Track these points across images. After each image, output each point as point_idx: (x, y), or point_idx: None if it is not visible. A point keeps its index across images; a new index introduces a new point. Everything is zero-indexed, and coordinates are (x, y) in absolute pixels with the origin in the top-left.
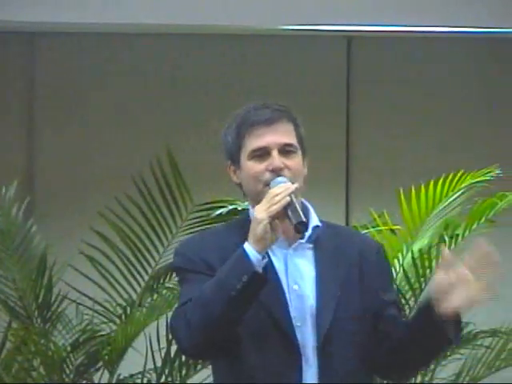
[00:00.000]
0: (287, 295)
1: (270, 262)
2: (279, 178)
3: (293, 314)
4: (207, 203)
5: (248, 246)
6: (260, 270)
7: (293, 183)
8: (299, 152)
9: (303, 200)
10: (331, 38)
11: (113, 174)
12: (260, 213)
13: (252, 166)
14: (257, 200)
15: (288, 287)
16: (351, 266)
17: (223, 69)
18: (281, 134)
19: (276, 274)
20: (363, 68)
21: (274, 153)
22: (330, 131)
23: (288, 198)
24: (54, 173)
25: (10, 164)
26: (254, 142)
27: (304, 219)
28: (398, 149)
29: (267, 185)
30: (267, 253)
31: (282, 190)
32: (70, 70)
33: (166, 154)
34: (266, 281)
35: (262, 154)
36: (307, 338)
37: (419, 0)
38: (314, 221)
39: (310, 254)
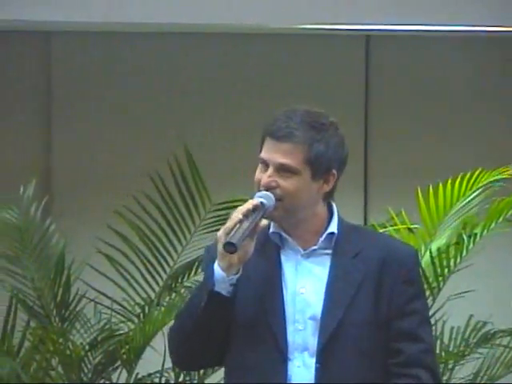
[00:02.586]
0: (287, 299)
1: (279, 265)
2: (260, 193)
3: (295, 317)
4: (225, 202)
5: (216, 264)
6: (221, 289)
7: (279, 200)
8: (303, 174)
9: (333, 204)
10: (349, 37)
11: (130, 172)
12: (220, 230)
13: (258, 170)
14: None
15: (295, 291)
16: (369, 273)
17: (234, 68)
18: (282, 154)
19: (281, 277)
20: (382, 67)
21: (270, 170)
22: (348, 130)
23: (240, 216)
24: (72, 171)
25: (28, 163)
26: (263, 151)
27: (232, 241)
28: (416, 148)
29: None
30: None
31: (242, 208)
32: (87, 68)
33: (183, 152)
34: (228, 300)
35: (265, 164)
36: (309, 342)
37: None
38: (331, 227)
39: (326, 259)
